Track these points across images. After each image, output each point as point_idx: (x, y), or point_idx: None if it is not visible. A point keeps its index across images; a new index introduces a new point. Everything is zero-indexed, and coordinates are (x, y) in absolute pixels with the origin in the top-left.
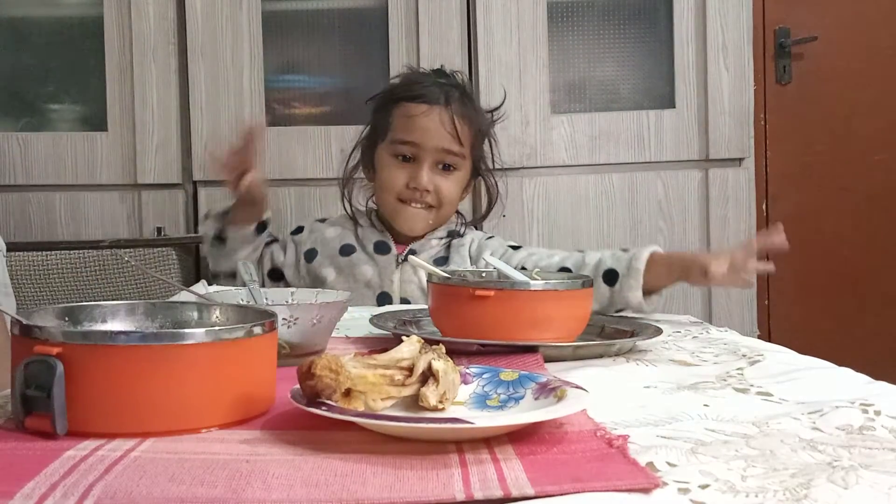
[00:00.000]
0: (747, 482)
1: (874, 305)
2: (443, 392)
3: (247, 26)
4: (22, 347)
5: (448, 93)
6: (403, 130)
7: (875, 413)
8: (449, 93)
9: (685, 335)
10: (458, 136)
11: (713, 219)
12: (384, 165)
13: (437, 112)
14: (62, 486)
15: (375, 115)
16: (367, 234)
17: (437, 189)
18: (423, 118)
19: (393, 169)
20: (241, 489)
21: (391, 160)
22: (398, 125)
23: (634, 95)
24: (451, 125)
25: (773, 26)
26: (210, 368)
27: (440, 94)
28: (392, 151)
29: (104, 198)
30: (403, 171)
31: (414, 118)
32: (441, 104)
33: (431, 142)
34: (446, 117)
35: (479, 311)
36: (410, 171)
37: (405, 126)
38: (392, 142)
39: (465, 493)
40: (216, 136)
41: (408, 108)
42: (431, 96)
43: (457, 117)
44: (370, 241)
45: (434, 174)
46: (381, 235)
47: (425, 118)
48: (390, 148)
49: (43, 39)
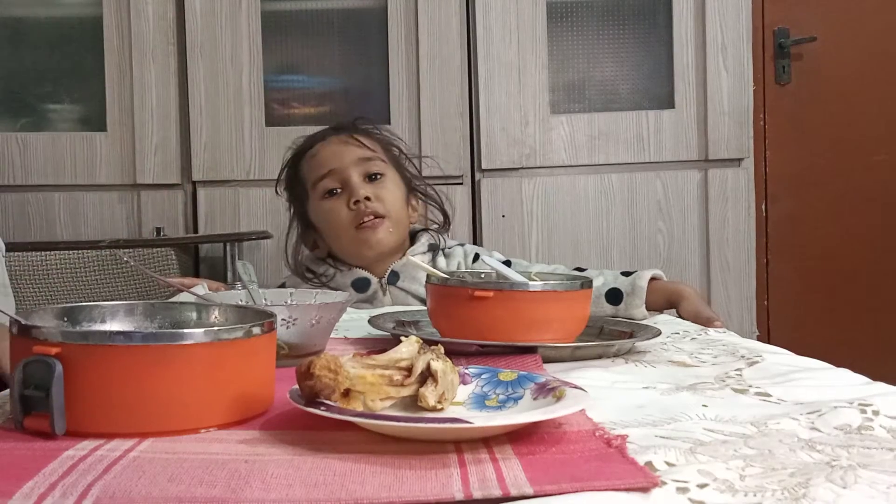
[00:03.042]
0: (746, 482)
1: (873, 305)
2: (441, 392)
3: (246, 26)
4: (21, 347)
5: (338, 126)
6: (316, 169)
7: (873, 413)
8: (339, 126)
9: (684, 336)
10: (365, 146)
11: (712, 219)
12: (322, 211)
13: (334, 139)
14: (61, 485)
15: (288, 185)
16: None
17: (376, 196)
18: (325, 148)
19: (330, 205)
20: (240, 489)
21: (324, 202)
22: (310, 170)
23: (634, 96)
24: (354, 139)
25: (772, 27)
26: (209, 369)
27: (331, 130)
28: (319, 194)
29: (103, 198)
30: (340, 201)
31: (318, 154)
32: (334, 134)
33: (343, 161)
34: (344, 137)
35: (477, 312)
36: (344, 199)
37: (315, 165)
38: (313, 186)
39: (464, 492)
40: (215, 136)
41: (309, 153)
42: (324, 134)
43: (355, 135)
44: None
45: (366, 185)
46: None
47: (327, 147)
48: (315, 193)
49: (42, 39)
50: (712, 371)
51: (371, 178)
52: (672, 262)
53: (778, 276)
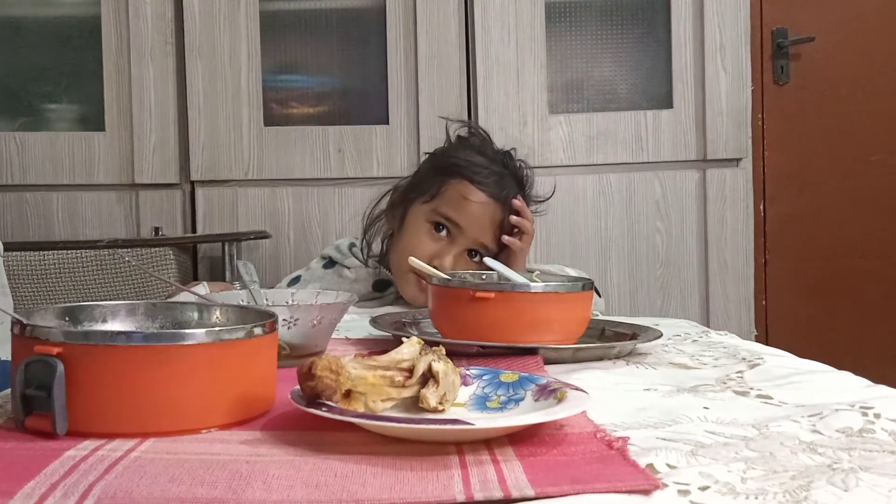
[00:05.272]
0: (747, 484)
1: (872, 305)
2: (443, 393)
3: (244, 26)
4: (22, 347)
5: (509, 189)
6: (453, 208)
7: (875, 416)
8: (510, 189)
9: (685, 338)
10: (499, 235)
11: (711, 219)
12: (415, 228)
13: (492, 206)
14: (62, 485)
15: (427, 173)
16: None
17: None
18: (478, 207)
19: (423, 235)
20: (242, 490)
21: (424, 225)
22: (449, 198)
23: (632, 96)
24: (500, 225)
25: (770, 27)
26: (210, 369)
27: (501, 188)
28: (430, 218)
29: (101, 198)
30: (433, 244)
31: (469, 202)
32: (499, 199)
33: (474, 233)
34: (498, 215)
35: (479, 313)
36: (439, 247)
37: (457, 205)
38: (435, 211)
39: (466, 494)
40: (214, 136)
41: (467, 188)
42: (493, 187)
43: (511, 209)
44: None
45: (459, 261)
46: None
47: (479, 207)
48: (430, 215)
49: (40, 39)
50: (713, 373)
51: (471, 253)
52: (670, 262)
53: (776, 276)
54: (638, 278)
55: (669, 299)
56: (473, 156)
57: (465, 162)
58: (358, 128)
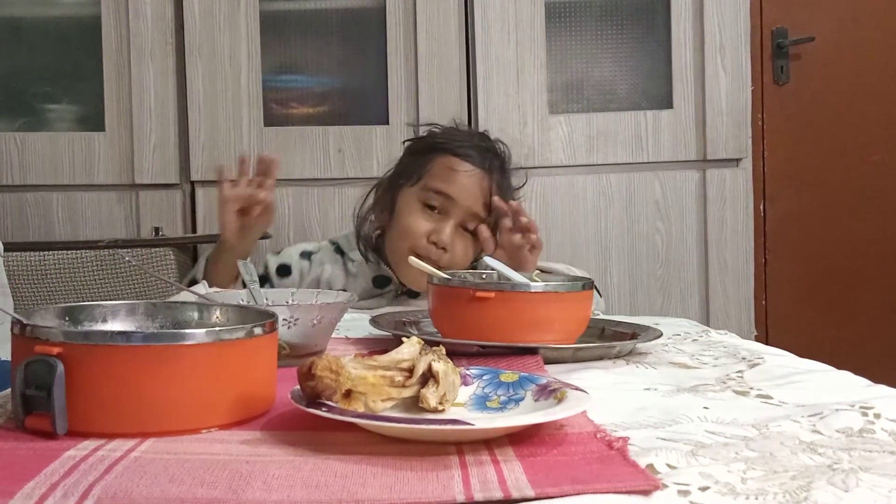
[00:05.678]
0: (747, 484)
1: (872, 306)
2: (443, 393)
3: (244, 26)
4: (22, 347)
5: (491, 161)
6: (442, 181)
7: (875, 416)
8: (492, 161)
9: (685, 338)
10: (489, 205)
11: (711, 219)
12: (409, 210)
13: (479, 175)
14: (62, 486)
15: (410, 157)
16: (364, 270)
17: (453, 250)
18: (465, 176)
19: (417, 216)
20: (242, 490)
21: (417, 206)
22: (437, 173)
23: (632, 96)
24: (488, 192)
25: (770, 27)
26: (210, 369)
27: (485, 159)
28: (422, 198)
29: (101, 198)
30: (428, 222)
31: (456, 172)
32: (484, 168)
33: (467, 201)
34: (486, 183)
35: (479, 313)
36: (435, 224)
37: (445, 177)
38: (425, 188)
39: (466, 494)
40: (214, 136)
41: (451, 160)
42: (477, 158)
43: (494, 186)
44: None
45: (455, 234)
46: (382, 270)
47: (467, 176)
48: (420, 194)
49: (40, 39)
50: (713, 373)
51: (466, 227)
52: (670, 262)
53: (776, 276)
54: (638, 278)
55: (669, 299)
56: (452, 132)
57: (445, 138)
58: (358, 128)
